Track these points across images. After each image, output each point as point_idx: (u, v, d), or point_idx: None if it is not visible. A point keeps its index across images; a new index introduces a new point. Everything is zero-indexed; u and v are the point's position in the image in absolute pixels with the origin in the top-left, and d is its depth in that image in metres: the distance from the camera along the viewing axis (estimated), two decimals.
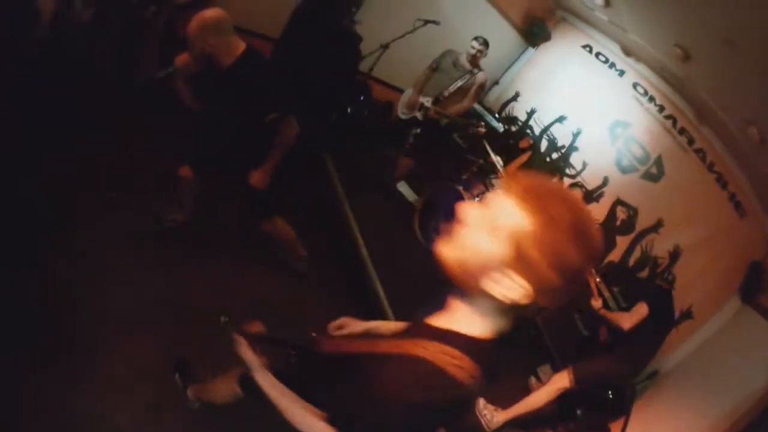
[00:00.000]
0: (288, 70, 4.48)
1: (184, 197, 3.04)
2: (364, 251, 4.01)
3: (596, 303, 3.57)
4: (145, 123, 3.83)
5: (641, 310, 3.35)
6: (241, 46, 2.59)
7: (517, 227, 0.89)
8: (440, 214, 4.74)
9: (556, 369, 3.98)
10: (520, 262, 0.90)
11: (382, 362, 0.99)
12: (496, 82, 6.51)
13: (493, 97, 6.49)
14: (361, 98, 5.48)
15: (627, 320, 3.36)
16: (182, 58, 2.71)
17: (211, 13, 2.50)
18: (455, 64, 4.89)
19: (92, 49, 3.94)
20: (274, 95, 2.65)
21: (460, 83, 4.88)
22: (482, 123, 5.06)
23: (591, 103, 5.49)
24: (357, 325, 1.52)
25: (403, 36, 4.95)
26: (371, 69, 5.25)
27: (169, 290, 2.85)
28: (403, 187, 5.35)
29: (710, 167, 4.34)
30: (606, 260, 4.75)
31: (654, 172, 4.76)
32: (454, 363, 0.92)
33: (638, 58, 5.09)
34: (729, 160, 4.18)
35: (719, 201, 4.17)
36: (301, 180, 4.38)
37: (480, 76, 4.91)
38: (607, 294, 3.78)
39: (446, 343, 0.95)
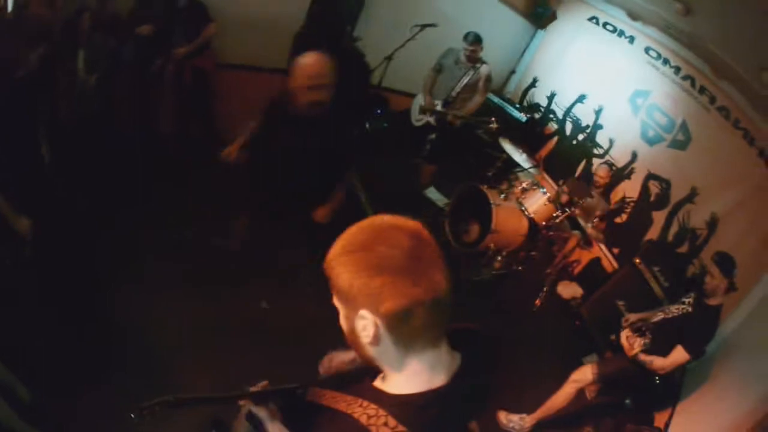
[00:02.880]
0: None
1: (238, 230, 3.34)
2: None
3: (631, 351, 3.33)
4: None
5: (678, 355, 3.09)
6: None
7: (340, 282, 0.96)
8: (468, 216, 4.87)
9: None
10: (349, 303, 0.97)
11: (330, 417, 1.09)
12: (513, 71, 6.44)
13: (513, 86, 6.42)
14: (378, 112, 5.59)
15: (661, 365, 3.14)
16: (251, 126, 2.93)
17: (313, 59, 2.57)
18: (457, 62, 4.93)
19: (108, 111, 4.18)
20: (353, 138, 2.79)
21: (465, 80, 4.92)
22: (493, 119, 5.00)
23: (608, 77, 5.28)
24: (343, 356, 1.55)
25: (404, 44, 4.98)
26: (380, 82, 5.34)
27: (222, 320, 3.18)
28: (432, 194, 5.48)
29: (735, 124, 4.06)
30: (645, 239, 4.60)
31: (681, 138, 4.52)
32: (378, 424, 0.96)
33: (645, 21, 4.85)
34: (752, 114, 3.89)
35: (749, 158, 3.90)
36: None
37: (483, 70, 4.91)
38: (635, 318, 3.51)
39: (376, 403, 1.00)
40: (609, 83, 5.26)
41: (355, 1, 5.24)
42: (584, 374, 3.37)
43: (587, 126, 5.44)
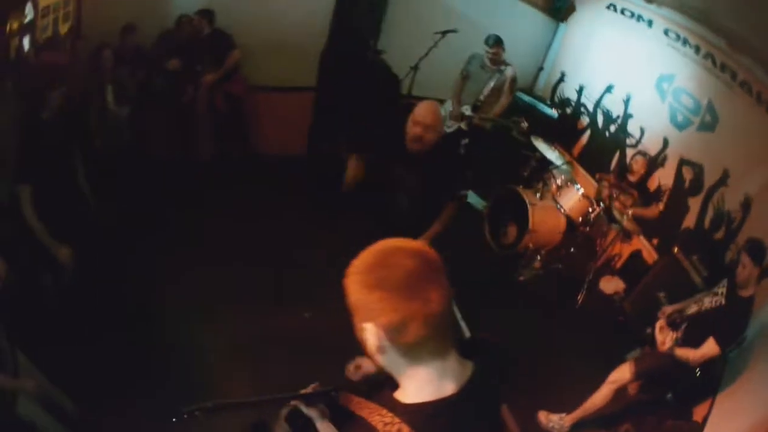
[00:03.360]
0: (342, 117, 5.17)
1: None
2: None
3: (663, 345, 3.39)
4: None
5: (709, 348, 3.08)
6: None
7: (350, 298, 1.07)
8: (506, 218, 4.98)
9: None
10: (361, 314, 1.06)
11: (355, 421, 1.15)
12: (541, 68, 6.43)
13: (542, 83, 6.41)
14: None
15: (693, 356, 3.15)
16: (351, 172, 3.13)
17: (422, 106, 2.81)
18: (483, 66, 5.08)
19: (141, 140, 4.41)
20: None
21: (492, 84, 5.07)
22: (523, 119, 5.12)
23: (632, 64, 5.18)
24: (369, 364, 1.58)
25: (428, 53, 5.06)
26: (410, 91, 5.39)
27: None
28: (470, 198, 5.64)
29: (758, 98, 3.91)
30: (682, 227, 4.50)
31: (708, 120, 4.38)
32: (393, 431, 1.03)
33: (659, 3, 4.76)
34: None
35: None
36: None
37: (508, 72, 5.05)
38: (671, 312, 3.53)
39: (392, 411, 1.06)
40: (634, 70, 5.16)
41: (374, 15, 5.40)
42: (622, 374, 3.37)
43: (618, 117, 5.36)
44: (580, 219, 4.69)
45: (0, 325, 2.30)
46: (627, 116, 5.25)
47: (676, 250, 4.29)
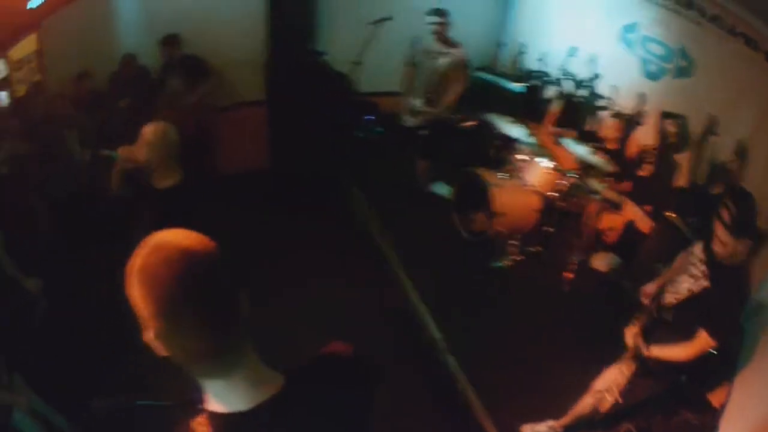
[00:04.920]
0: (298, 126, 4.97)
1: None
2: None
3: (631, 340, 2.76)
4: None
5: (702, 341, 2.43)
6: None
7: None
8: (471, 203, 4.58)
9: None
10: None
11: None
12: (502, 43, 6.03)
13: (504, 59, 6.00)
14: (369, 118, 5.43)
15: (684, 353, 2.52)
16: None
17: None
18: (427, 51, 4.66)
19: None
20: None
21: (441, 70, 4.63)
22: (470, 119, 4.80)
23: (591, 21, 4.79)
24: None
25: (367, 46, 4.76)
26: (358, 88, 5.12)
27: None
28: (439, 188, 5.22)
29: (732, 31, 3.48)
30: (674, 188, 4.04)
31: (684, 65, 3.95)
32: (200, 430, 0.98)
33: None
34: (746, 15, 3.31)
35: (757, 66, 3.31)
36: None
37: (456, 54, 4.59)
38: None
39: (206, 413, 1.00)
40: (594, 27, 4.76)
41: (307, 17, 5.19)
42: (607, 383, 2.85)
43: (586, 80, 4.92)
44: (553, 193, 4.23)
45: None
46: (595, 77, 4.80)
47: (671, 215, 3.82)
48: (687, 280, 2.59)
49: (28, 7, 3.70)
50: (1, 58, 3.75)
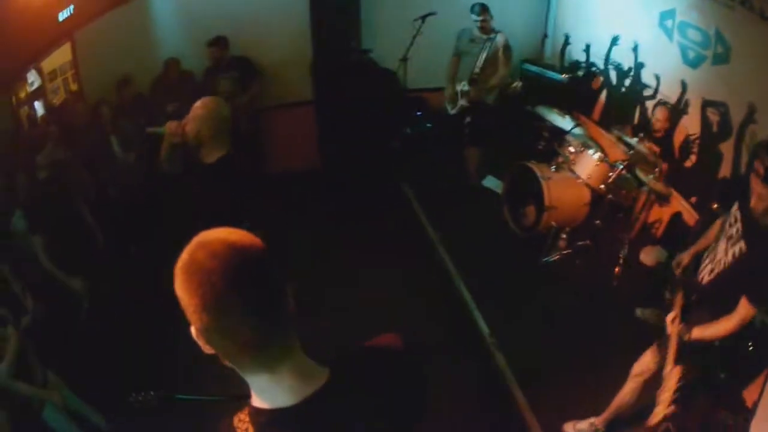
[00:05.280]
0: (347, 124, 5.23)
1: None
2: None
3: (672, 327, 2.68)
4: None
5: (743, 311, 2.31)
6: None
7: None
8: (522, 197, 4.69)
9: None
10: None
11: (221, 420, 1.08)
12: (546, 35, 6.00)
13: (549, 51, 5.98)
14: (418, 114, 5.64)
15: (724, 327, 2.41)
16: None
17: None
18: (472, 39, 4.85)
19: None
20: None
21: (484, 55, 4.81)
22: (518, 81, 4.93)
23: (631, 9, 4.69)
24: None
25: (413, 42, 4.93)
26: (405, 84, 5.28)
27: None
28: (489, 182, 5.37)
29: (762, 14, 3.35)
30: (718, 178, 3.94)
31: (720, 51, 3.81)
32: (243, 429, 0.99)
33: None
34: None
35: None
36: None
37: (499, 39, 4.78)
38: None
39: (248, 411, 1.02)
40: (635, 15, 4.65)
41: (349, 16, 5.31)
42: (646, 364, 2.91)
43: (630, 68, 4.84)
44: (603, 186, 4.27)
45: (32, 348, 2.73)
46: (639, 66, 4.72)
47: (715, 206, 3.76)
48: (723, 243, 2.52)
49: (59, 20, 3.87)
50: (34, 69, 3.85)
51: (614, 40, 4.95)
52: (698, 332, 2.52)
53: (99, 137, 4.29)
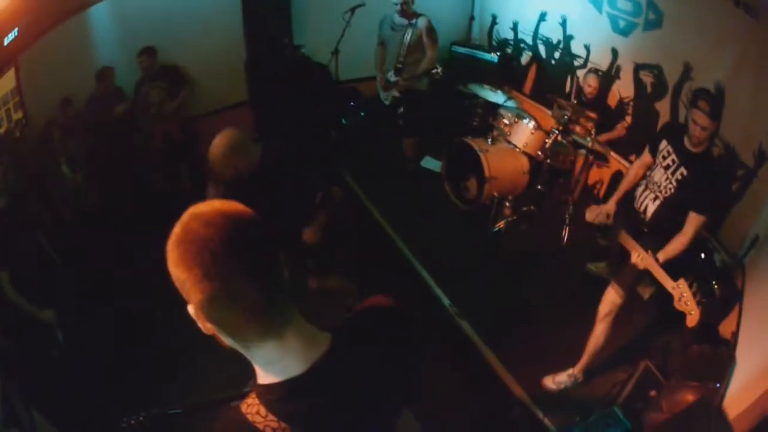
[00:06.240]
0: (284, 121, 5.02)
1: None
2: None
3: (644, 262, 2.80)
4: None
5: (693, 220, 2.65)
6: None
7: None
8: (462, 173, 4.73)
9: None
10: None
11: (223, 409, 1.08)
12: (472, 17, 6.13)
13: (477, 32, 6.11)
14: (351, 104, 5.53)
15: (680, 242, 2.69)
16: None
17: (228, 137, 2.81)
18: (393, 27, 4.70)
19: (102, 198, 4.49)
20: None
21: (407, 41, 4.65)
22: (438, 67, 4.78)
23: None
24: None
25: (343, 34, 4.84)
26: (337, 76, 5.18)
27: None
28: (428, 163, 5.32)
29: None
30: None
31: (652, 17, 4.10)
32: (252, 412, 0.96)
33: None
34: None
35: (726, 12, 3.47)
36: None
37: (420, 23, 4.60)
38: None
39: (255, 392, 1.00)
40: None
41: (281, 12, 5.21)
42: (611, 302, 2.97)
43: (559, 41, 5.07)
44: (540, 153, 4.37)
45: (14, 388, 2.61)
46: (568, 38, 4.96)
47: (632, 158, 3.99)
48: (660, 174, 2.85)
49: (5, 44, 3.56)
50: None
51: (542, 16, 5.16)
52: (662, 255, 2.75)
53: (50, 160, 4.18)
